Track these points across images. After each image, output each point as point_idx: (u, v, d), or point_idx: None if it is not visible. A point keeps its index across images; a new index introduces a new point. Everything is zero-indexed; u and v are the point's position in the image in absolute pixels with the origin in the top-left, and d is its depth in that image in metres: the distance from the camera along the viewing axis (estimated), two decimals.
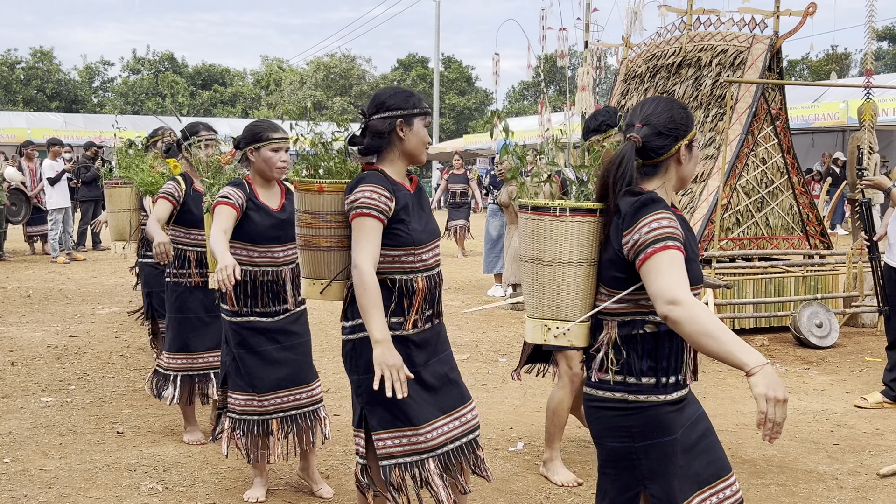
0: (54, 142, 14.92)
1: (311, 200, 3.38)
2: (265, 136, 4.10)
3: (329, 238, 3.36)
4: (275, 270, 4.18)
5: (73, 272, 13.07)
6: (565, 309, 2.72)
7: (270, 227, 4.15)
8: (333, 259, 3.39)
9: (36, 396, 6.25)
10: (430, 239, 3.37)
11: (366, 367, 3.26)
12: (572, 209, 2.70)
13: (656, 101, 2.72)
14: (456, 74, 55.30)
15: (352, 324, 3.36)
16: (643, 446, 2.60)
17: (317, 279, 3.42)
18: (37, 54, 50.13)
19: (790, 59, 45.18)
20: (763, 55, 8.88)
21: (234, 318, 4.16)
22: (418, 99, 3.35)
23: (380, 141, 3.30)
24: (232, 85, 53.74)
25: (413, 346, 3.34)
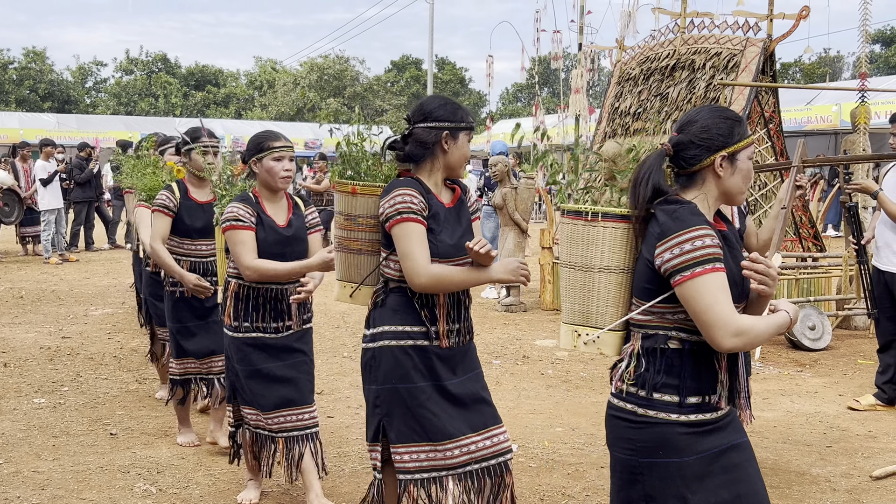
0: (47, 142, 14.88)
1: (346, 202, 3.33)
2: (266, 145, 4.00)
3: (360, 241, 3.32)
4: (278, 288, 4.06)
5: (66, 273, 13.04)
6: (595, 315, 2.68)
7: (275, 244, 4.02)
8: (364, 263, 3.34)
9: (29, 398, 6.24)
10: (458, 254, 3.23)
11: (384, 378, 3.21)
12: (604, 214, 2.66)
13: (702, 109, 2.63)
14: (450, 76, 55.33)
15: (373, 331, 3.27)
16: (647, 463, 2.51)
17: (348, 282, 3.37)
18: (29, 54, 49.98)
19: (783, 62, 45.29)
20: (756, 58, 8.91)
21: (234, 333, 4.06)
22: (465, 112, 3.28)
23: (422, 150, 3.23)
24: (225, 86, 53.64)
25: (437, 358, 3.24)
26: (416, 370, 3.21)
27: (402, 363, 3.21)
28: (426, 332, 3.22)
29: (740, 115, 2.66)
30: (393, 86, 53.65)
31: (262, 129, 4.15)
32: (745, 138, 2.58)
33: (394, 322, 3.23)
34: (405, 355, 3.21)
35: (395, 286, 3.25)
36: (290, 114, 47.29)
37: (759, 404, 6.29)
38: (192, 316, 4.99)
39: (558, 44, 14.64)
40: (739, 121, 2.59)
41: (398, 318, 3.23)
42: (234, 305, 4.04)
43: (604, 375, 7.04)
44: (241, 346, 4.05)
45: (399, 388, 3.21)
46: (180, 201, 4.91)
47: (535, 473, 4.84)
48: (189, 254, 4.96)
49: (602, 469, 4.86)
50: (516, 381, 6.91)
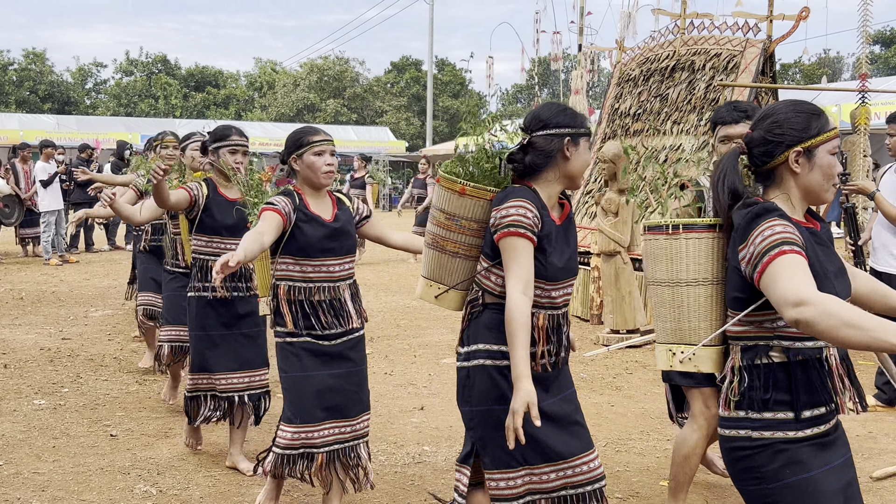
0: (46, 143, 14.89)
1: (451, 200, 3.15)
2: (305, 140, 3.80)
3: (458, 244, 3.15)
4: (332, 286, 3.82)
5: (66, 274, 13.04)
6: (687, 332, 2.58)
7: (324, 239, 3.79)
8: (458, 267, 3.17)
9: (29, 399, 6.23)
10: (565, 277, 3.07)
11: (479, 398, 3.05)
12: (686, 226, 2.57)
13: (778, 103, 2.51)
14: (449, 77, 55.31)
15: (468, 349, 3.09)
16: (777, 487, 2.34)
17: (435, 282, 3.22)
18: (29, 56, 49.95)
19: (783, 63, 45.31)
20: (756, 59, 8.91)
21: (288, 338, 3.80)
22: (583, 118, 3.13)
23: (544, 160, 3.05)
24: (225, 87, 53.62)
25: (535, 380, 2.99)
26: (511, 391, 2.95)
27: (497, 384, 3.02)
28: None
29: (819, 109, 2.49)
30: (393, 87, 53.62)
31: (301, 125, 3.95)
32: (825, 132, 2.43)
33: (489, 341, 3.04)
34: (501, 376, 3.01)
35: (492, 301, 3.06)
36: (290, 115, 47.28)
37: None
38: (217, 324, 4.72)
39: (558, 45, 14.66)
40: (818, 114, 2.46)
41: (493, 337, 3.03)
42: (287, 308, 3.78)
43: (604, 377, 7.04)
44: (296, 352, 3.80)
45: (495, 409, 3.02)
46: (209, 197, 4.69)
47: None
48: (217, 253, 4.70)
49: None
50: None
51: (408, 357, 7.76)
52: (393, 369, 7.27)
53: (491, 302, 3.06)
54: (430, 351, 8.03)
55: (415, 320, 9.59)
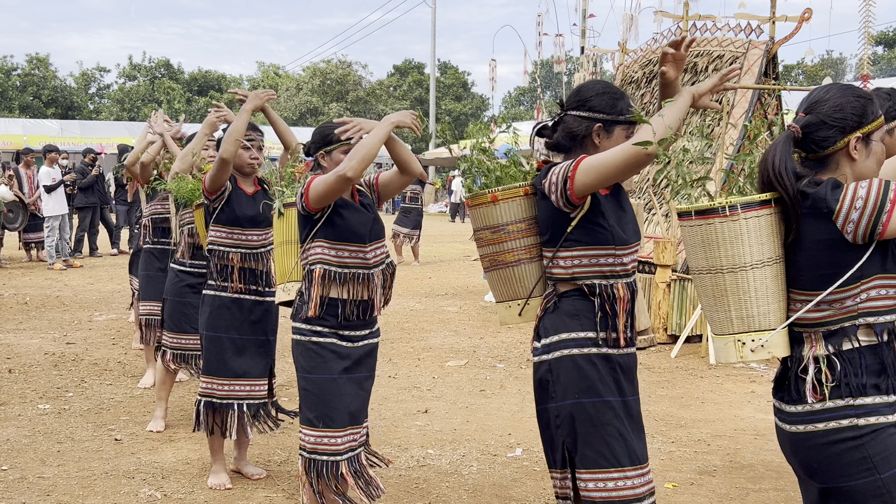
0: (50, 148, 14.91)
1: (488, 214, 3.02)
2: (335, 137, 3.67)
3: (516, 250, 3.00)
4: (366, 274, 3.64)
5: (70, 279, 13.05)
6: (758, 318, 2.42)
7: (361, 224, 3.63)
8: (525, 273, 3.01)
9: (33, 404, 6.24)
10: (634, 240, 2.92)
11: (565, 392, 2.85)
12: (743, 205, 2.39)
13: (829, 86, 2.43)
14: (452, 80, 55.35)
15: (546, 342, 2.92)
16: (891, 476, 2.23)
17: (512, 300, 3.06)
18: (33, 61, 50.05)
19: (786, 64, 45.30)
20: (759, 60, 8.91)
21: (314, 337, 3.61)
22: (627, 104, 2.92)
23: (570, 143, 2.92)
24: (228, 91, 53.70)
25: (621, 370, 2.88)
26: (602, 382, 2.84)
27: (587, 374, 2.83)
28: (607, 338, 2.86)
29: (871, 93, 2.44)
30: (395, 90, 53.65)
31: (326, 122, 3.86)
32: (878, 117, 2.40)
33: (573, 328, 2.86)
34: (590, 364, 2.83)
35: (567, 289, 2.90)
36: (294, 118, 47.33)
37: (763, 407, 6.28)
38: (231, 326, 4.56)
39: (561, 47, 14.65)
40: (871, 99, 2.40)
41: (578, 324, 2.86)
42: (319, 295, 3.57)
43: None
44: (320, 351, 3.61)
45: (584, 402, 2.82)
46: (231, 189, 4.57)
47: (540, 477, 4.83)
48: (238, 244, 4.55)
49: None
50: (520, 384, 6.90)
51: (412, 360, 7.76)
52: (397, 372, 7.27)
53: (566, 290, 2.90)
54: (434, 354, 8.03)
55: (419, 323, 9.59)
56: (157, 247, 6.24)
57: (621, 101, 2.90)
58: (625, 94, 2.94)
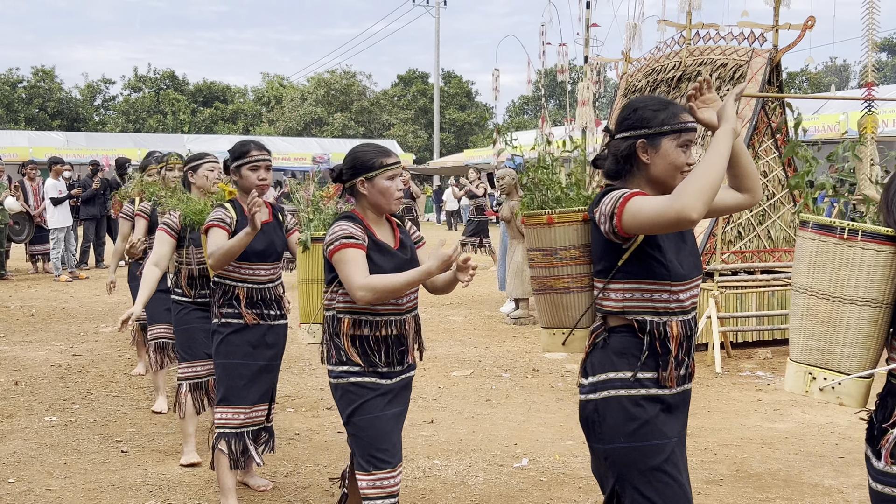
0: (55, 160, 14.96)
1: (542, 235, 2.89)
2: (379, 162, 3.38)
3: (566, 277, 2.85)
4: (398, 320, 3.42)
5: (76, 290, 13.07)
6: (840, 357, 2.24)
7: (394, 269, 3.36)
8: (573, 303, 2.87)
9: (40, 416, 6.25)
10: (690, 275, 2.73)
11: (612, 434, 2.68)
12: (866, 233, 2.19)
13: None
14: (456, 89, 55.44)
15: (593, 380, 2.74)
16: None
17: (557, 328, 2.92)
18: (38, 73, 50.28)
19: (789, 72, 45.29)
20: (763, 69, 8.91)
21: (352, 378, 3.37)
22: (672, 113, 2.70)
23: (619, 165, 2.75)
24: (233, 102, 53.80)
25: (668, 410, 2.71)
26: (650, 425, 2.68)
27: (634, 416, 2.66)
28: (657, 378, 2.69)
29: None
30: (400, 100, 53.77)
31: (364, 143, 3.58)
32: None
33: (621, 367, 2.70)
34: (637, 407, 2.67)
35: (618, 324, 2.74)
36: (298, 129, 47.44)
37: (770, 415, 6.27)
38: (245, 353, 4.33)
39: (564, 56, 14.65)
40: None
41: (626, 363, 2.70)
42: (350, 344, 3.37)
43: None
44: (360, 392, 3.37)
45: (632, 447, 2.66)
46: (238, 220, 4.30)
47: (547, 487, 4.82)
48: (245, 279, 4.33)
49: None
50: (526, 394, 6.90)
51: (417, 370, 7.74)
52: None
53: (617, 325, 2.74)
54: (439, 364, 8.02)
55: (424, 333, 9.54)
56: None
57: (664, 112, 2.70)
58: (671, 104, 2.72)
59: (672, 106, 2.70)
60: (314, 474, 5.01)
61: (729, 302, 8.32)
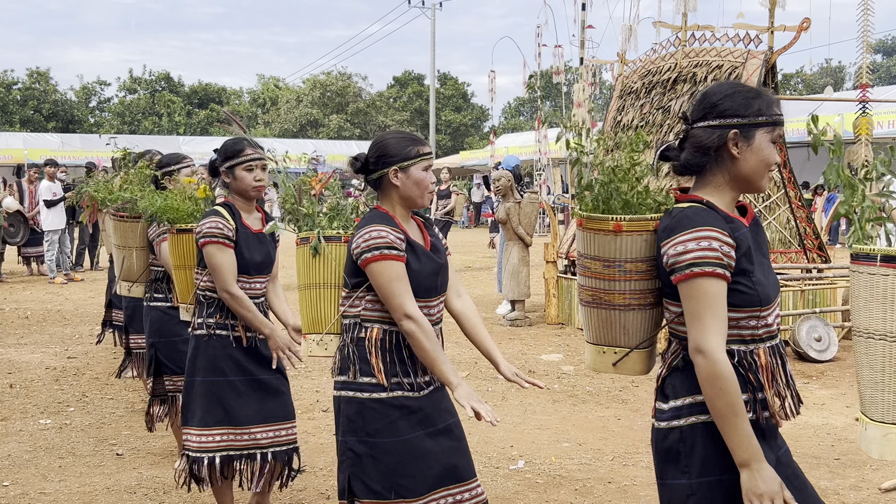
0: (49, 163, 14.96)
1: (604, 243, 2.50)
2: (415, 151, 3.09)
3: (626, 293, 2.49)
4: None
5: (71, 293, 13.05)
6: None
7: (431, 275, 3.09)
8: (632, 322, 2.53)
9: (35, 419, 6.23)
10: (776, 295, 2.40)
11: (702, 468, 2.34)
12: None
13: None
14: (452, 91, 55.44)
15: (676, 404, 2.39)
16: None
17: (608, 346, 2.57)
18: (33, 75, 50.17)
19: (785, 73, 45.38)
20: (758, 70, 8.92)
21: (374, 393, 3.02)
22: (767, 102, 2.39)
23: (702, 158, 2.41)
24: (228, 104, 53.71)
25: (762, 438, 2.35)
26: None
27: (726, 447, 2.31)
28: (752, 402, 2.35)
29: None
30: (395, 101, 53.75)
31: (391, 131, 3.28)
32: None
33: None
34: None
35: None
36: (294, 130, 47.41)
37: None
38: (237, 369, 3.95)
39: (560, 58, 14.68)
40: None
41: None
42: (380, 358, 3.03)
43: (609, 390, 7.01)
44: (385, 411, 3.02)
45: (724, 479, 2.32)
46: (237, 229, 3.91)
47: (543, 489, 4.82)
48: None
49: (609, 484, 4.84)
50: (522, 396, 6.89)
51: None
52: None
53: None
54: None
55: None
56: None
57: (758, 100, 2.38)
58: (763, 93, 2.42)
59: (765, 95, 2.41)
60: (310, 477, 4.99)
61: None
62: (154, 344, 4.88)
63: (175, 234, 4.26)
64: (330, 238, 3.21)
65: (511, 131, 47.45)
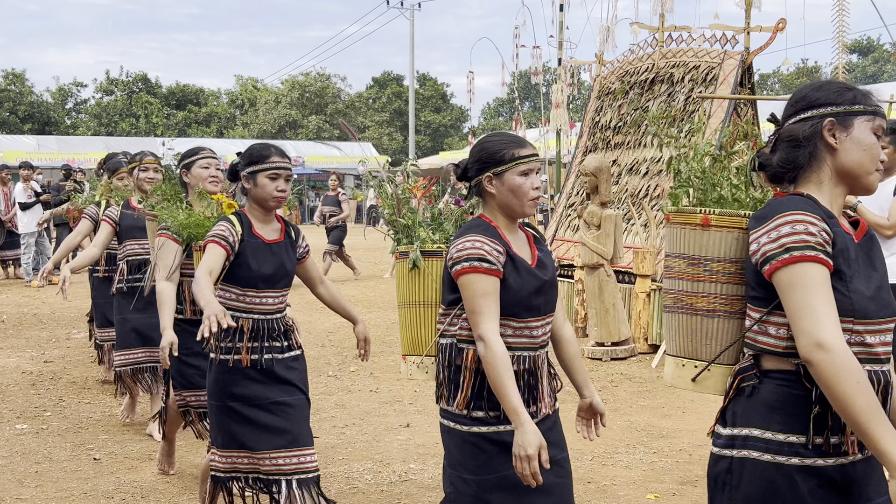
0: (24, 165, 14.83)
1: (690, 239, 2.30)
2: (509, 154, 2.81)
3: (713, 297, 2.27)
4: (532, 356, 2.83)
5: (48, 297, 12.93)
6: None
7: (533, 293, 2.79)
8: (716, 330, 2.29)
9: (11, 424, 6.17)
10: (880, 314, 2.12)
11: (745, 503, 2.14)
12: None
13: None
14: (431, 92, 55.47)
15: (732, 433, 2.18)
16: None
17: (688, 359, 2.33)
18: (9, 76, 49.74)
19: (761, 73, 45.73)
20: (735, 70, 8.98)
21: (475, 427, 2.77)
22: (862, 93, 2.21)
23: (796, 152, 2.19)
24: (206, 105, 53.48)
25: (834, 488, 2.11)
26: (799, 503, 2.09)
27: (779, 490, 2.09)
28: (825, 446, 2.08)
29: None
30: (374, 102, 53.71)
31: (494, 132, 3.01)
32: None
33: (770, 426, 2.12)
34: (786, 480, 2.09)
35: (774, 368, 2.15)
36: (273, 132, 47.25)
37: None
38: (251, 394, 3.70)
39: (538, 59, 14.73)
40: None
41: (777, 421, 2.11)
42: (472, 384, 2.77)
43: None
44: (482, 444, 2.76)
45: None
46: (243, 238, 3.65)
47: None
48: (251, 309, 3.70)
49: (588, 484, 4.85)
50: None
51: (393, 374, 7.74)
52: (378, 386, 7.25)
53: (772, 369, 2.15)
54: None
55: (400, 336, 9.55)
56: (135, 286, 5.61)
57: (852, 91, 2.21)
58: (856, 86, 2.26)
59: (859, 87, 2.25)
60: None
61: None
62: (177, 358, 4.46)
63: (201, 252, 3.89)
64: (430, 253, 3.01)
65: (490, 132, 47.57)
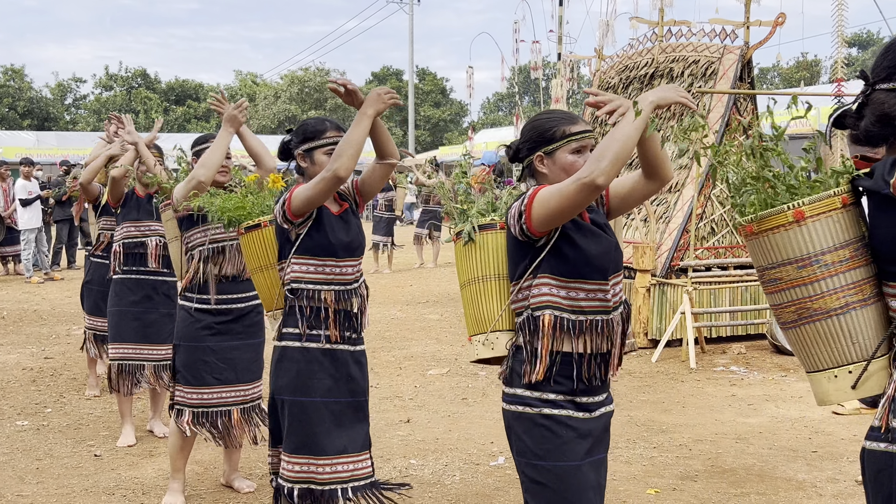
0: (25, 161, 14.81)
1: (787, 242, 2.05)
2: (560, 131, 2.68)
3: (840, 291, 2.01)
4: (605, 320, 2.67)
5: (48, 293, 12.94)
6: None
7: (603, 253, 2.65)
8: (857, 324, 2.02)
9: (11, 420, 6.18)
10: None
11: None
12: None
13: None
14: (430, 86, 55.39)
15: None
16: None
17: (840, 367, 2.05)
18: (8, 72, 49.68)
19: (761, 68, 45.66)
20: (734, 65, 8.97)
21: (545, 408, 2.67)
22: None
23: (885, 129, 1.97)
24: (206, 100, 53.43)
25: None
26: None
27: None
28: None
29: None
30: None
31: (547, 110, 2.87)
32: None
33: None
34: None
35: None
36: (272, 127, 47.21)
37: (744, 410, 6.31)
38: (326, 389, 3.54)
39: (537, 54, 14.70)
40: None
41: None
42: (551, 351, 2.65)
43: None
44: (556, 429, 2.65)
45: None
46: (320, 209, 3.51)
47: None
48: (331, 280, 3.52)
49: None
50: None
51: (393, 369, 7.74)
52: (378, 382, 7.25)
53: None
54: (415, 363, 8.01)
55: (400, 332, 9.57)
56: (132, 277, 5.51)
57: None
58: None
59: None
60: None
61: (703, 297, 8.37)
62: (175, 346, 4.46)
63: (245, 234, 3.80)
64: (485, 226, 2.88)
65: (490, 126, 47.49)
